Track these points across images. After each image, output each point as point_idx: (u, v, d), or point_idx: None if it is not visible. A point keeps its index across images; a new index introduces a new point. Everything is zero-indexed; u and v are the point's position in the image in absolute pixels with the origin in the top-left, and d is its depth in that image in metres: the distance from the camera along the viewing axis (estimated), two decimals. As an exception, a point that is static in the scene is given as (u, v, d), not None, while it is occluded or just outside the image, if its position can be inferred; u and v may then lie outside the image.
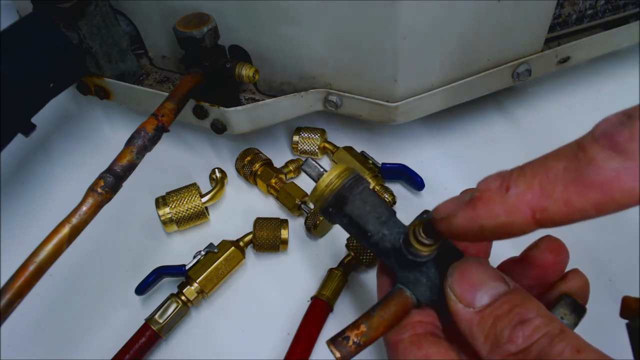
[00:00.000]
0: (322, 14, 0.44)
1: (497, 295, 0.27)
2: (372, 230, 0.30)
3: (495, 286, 0.27)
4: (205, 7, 0.46)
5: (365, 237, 0.31)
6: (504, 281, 0.28)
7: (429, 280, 0.30)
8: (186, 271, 0.46)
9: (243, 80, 0.46)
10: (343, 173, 0.31)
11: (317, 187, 0.31)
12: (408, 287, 0.30)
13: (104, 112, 0.63)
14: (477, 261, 0.29)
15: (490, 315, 0.27)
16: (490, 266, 0.29)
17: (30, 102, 0.44)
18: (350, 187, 0.31)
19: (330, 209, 0.31)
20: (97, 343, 0.46)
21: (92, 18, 0.47)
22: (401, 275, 0.30)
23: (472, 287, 0.28)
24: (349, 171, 0.32)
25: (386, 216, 0.31)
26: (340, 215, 0.31)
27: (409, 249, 0.28)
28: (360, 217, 0.30)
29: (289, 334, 0.45)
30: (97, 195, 0.35)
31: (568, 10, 0.51)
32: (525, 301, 0.27)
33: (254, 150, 0.56)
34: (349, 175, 0.31)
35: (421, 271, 0.30)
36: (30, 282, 0.32)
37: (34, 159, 0.59)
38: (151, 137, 0.39)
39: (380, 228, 0.30)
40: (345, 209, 0.31)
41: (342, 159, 0.54)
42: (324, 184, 0.31)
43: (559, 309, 0.30)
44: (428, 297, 0.30)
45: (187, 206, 0.50)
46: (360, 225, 0.30)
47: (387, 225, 0.30)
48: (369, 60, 0.46)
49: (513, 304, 0.26)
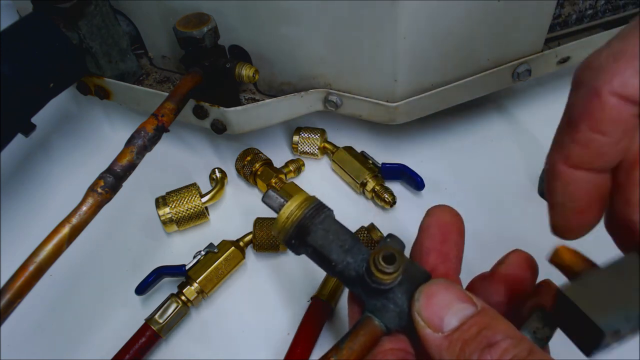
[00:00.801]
0: (322, 14, 0.44)
1: (465, 317, 0.27)
2: (335, 259, 0.30)
3: (463, 308, 0.27)
4: (205, 7, 0.46)
5: (330, 266, 0.30)
6: (472, 302, 0.27)
7: (397, 306, 0.29)
8: (186, 271, 0.46)
9: (243, 80, 0.46)
10: (303, 203, 0.31)
11: (278, 219, 0.31)
12: (376, 315, 0.29)
13: (104, 112, 0.63)
14: (443, 283, 0.28)
15: (459, 340, 0.26)
16: (457, 287, 0.28)
17: (30, 102, 0.44)
18: (312, 217, 0.31)
19: (293, 240, 0.31)
20: (97, 343, 0.46)
21: (92, 18, 0.47)
22: (368, 303, 0.30)
23: (440, 311, 0.27)
24: (309, 200, 0.31)
25: (350, 244, 0.30)
26: (304, 246, 0.31)
27: (372, 277, 0.28)
28: (323, 246, 0.30)
29: (289, 334, 0.45)
30: (97, 195, 0.35)
31: (568, 10, 0.51)
32: (493, 322, 0.26)
33: (254, 150, 0.56)
34: (309, 204, 0.31)
35: (388, 297, 0.29)
36: (30, 282, 0.32)
37: (34, 159, 0.59)
38: (151, 137, 0.39)
39: (344, 256, 0.30)
40: (307, 239, 0.30)
41: (342, 159, 0.54)
42: (284, 215, 0.31)
43: (531, 324, 0.29)
44: (397, 324, 0.29)
45: (187, 206, 0.50)
46: (324, 254, 0.30)
47: (351, 253, 0.30)
48: (369, 60, 0.46)
49: (481, 326, 0.26)
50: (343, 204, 0.54)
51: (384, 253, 0.27)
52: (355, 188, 0.54)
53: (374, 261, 0.27)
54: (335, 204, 0.52)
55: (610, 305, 0.25)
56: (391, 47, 0.44)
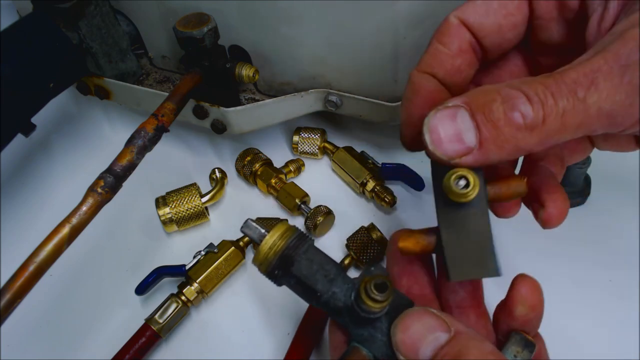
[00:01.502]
0: (322, 14, 0.44)
1: (438, 346, 0.27)
2: (321, 290, 0.30)
3: (435, 338, 0.27)
4: (205, 7, 0.46)
5: (315, 296, 0.30)
6: (445, 328, 0.27)
7: (384, 336, 0.29)
8: (186, 271, 0.46)
9: (243, 80, 0.46)
10: (286, 233, 0.31)
11: (260, 250, 0.30)
12: (364, 345, 0.29)
13: (104, 112, 0.63)
14: (417, 312, 0.28)
15: None
16: (430, 313, 0.28)
17: (30, 102, 0.44)
18: (295, 247, 0.30)
19: (276, 271, 0.30)
20: (97, 343, 0.46)
21: (92, 18, 0.47)
22: (355, 333, 0.30)
23: (414, 343, 0.27)
24: (291, 230, 0.31)
25: (334, 273, 0.30)
26: (287, 276, 0.30)
27: (361, 306, 0.27)
28: (307, 277, 0.30)
29: (289, 334, 0.45)
30: (97, 195, 0.35)
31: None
32: (465, 349, 0.26)
33: (254, 150, 0.56)
34: (292, 234, 0.31)
35: (375, 327, 0.29)
36: (30, 282, 0.32)
37: (34, 159, 0.59)
38: (151, 137, 0.39)
39: (329, 286, 0.30)
40: (291, 269, 0.30)
41: (342, 159, 0.54)
42: (266, 246, 0.30)
43: (511, 347, 0.30)
44: (385, 354, 0.29)
45: (187, 206, 0.50)
46: (308, 285, 0.30)
47: (336, 283, 0.30)
48: (369, 60, 0.46)
49: (453, 354, 0.26)
50: (343, 204, 0.54)
51: (375, 281, 0.27)
52: (355, 188, 0.54)
53: (365, 289, 0.27)
54: (335, 204, 0.52)
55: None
56: (391, 47, 0.44)
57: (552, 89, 0.24)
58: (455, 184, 0.26)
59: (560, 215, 0.32)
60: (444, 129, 0.26)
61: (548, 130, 0.24)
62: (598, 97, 0.24)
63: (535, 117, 0.24)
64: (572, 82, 0.24)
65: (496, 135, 0.25)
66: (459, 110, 0.26)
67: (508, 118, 0.25)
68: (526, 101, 0.24)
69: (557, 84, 0.24)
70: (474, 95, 0.26)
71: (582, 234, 0.50)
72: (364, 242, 0.48)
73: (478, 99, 0.26)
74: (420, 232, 0.31)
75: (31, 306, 0.43)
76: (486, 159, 0.26)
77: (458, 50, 0.31)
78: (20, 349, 0.46)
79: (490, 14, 0.30)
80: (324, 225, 0.51)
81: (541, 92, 0.24)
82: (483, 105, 0.25)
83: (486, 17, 0.30)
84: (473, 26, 0.30)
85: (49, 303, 0.48)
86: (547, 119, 0.24)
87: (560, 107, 0.24)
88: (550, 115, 0.24)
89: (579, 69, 0.24)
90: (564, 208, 0.32)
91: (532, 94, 0.24)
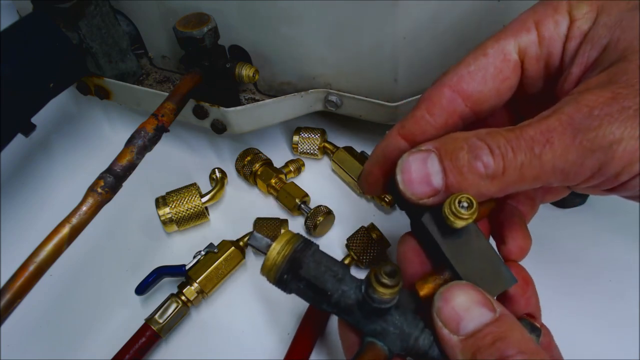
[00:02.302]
0: (322, 14, 0.44)
1: (482, 324, 0.27)
2: (331, 289, 0.30)
3: (481, 314, 0.27)
4: (205, 7, 0.46)
5: (325, 297, 0.30)
6: (491, 307, 0.28)
7: (396, 328, 0.29)
8: (186, 271, 0.46)
9: (243, 80, 0.46)
10: (292, 239, 0.32)
11: (268, 257, 0.31)
12: (377, 338, 0.30)
13: (104, 112, 0.63)
14: (465, 285, 0.29)
15: (473, 346, 0.26)
16: (478, 290, 0.28)
17: (30, 102, 0.44)
18: (302, 250, 0.31)
19: (285, 275, 0.31)
20: (97, 343, 0.46)
21: (92, 18, 0.47)
22: (368, 329, 0.30)
23: (457, 313, 0.28)
24: (296, 237, 0.32)
25: (342, 273, 0.31)
26: (297, 280, 0.31)
27: (373, 295, 0.28)
28: (316, 277, 0.30)
29: (289, 334, 0.45)
30: (97, 195, 0.35)
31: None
32: (509, 333, 0.26)
33: (254, 150, 0.56)
34: (297, 240, 0.32)
35: (387, 320, 0.30)
36: (30, 282, 0.32)
37: (34, 159, 0.59)
38: (151, 137, 0.39)
39: (338, 285, 0.30)
40: (300, 272, 0.30)
41: (342, 159, 0.54)
42: (274, 252, 0.31)
43: None
44: (399, 346, 0.30)
45: (187, 206, 0.50)
46: (318, 286, 0.30)
47: (345, 282, 0.30)
48: (369, 60, 0.46)
49: (496, 336, 0.26)
50: (343, 204, 0.54)
51: (384, 268, 0.28)
52: (355, 188, 0.54)
53: (375, 277, 0.28)
54: (335, 204, 0.52)
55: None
56: (391, 47, 0.44)
57: (512, 143, 0.26)
58: (460, 207, 0.27)
59: (519, 252, 0.34)
60: (415, 171, 0.29)
61: (507, 180, 0.27)
62: (552, 155, 0.26)
63: (496, 168, 0.27)
64: (529, 139, 0.26)
65: (460, 181, 0.27)
66: (430, 155, 0.28)
67: (472, 166, 0.27)
68: (489, 152, 0.27)
69: (517, 139, 0.26)
70: (444, 142, 0.29)
71: (582, 234, 0.50)
72: (364, 242, 0.48)
73: (447, 146, 0.28)
74: (431, 273, 0.31)
75: (31, 306, 0.44)
76: None
77: (444, 124, 0.31)
78: (20, 349, 0.46)
79: (488, 81, 0.31)
80: (324, 225, 0.51)
81: (502, 146, 0.26)
82: (451, 152, 0.28)
83: (484, 84, 0.31)
84: (471, 96, 0.31)
85: (49, 303, 0.49)
86: (506, 171, 0.26)
87: (518, 160, 0.26)
88: (510, 168, 0.26)
89: (536, 127, 0.26)
90: (524, 246, 0.34)
91: (494, 146, 0.27)
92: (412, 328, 0.29)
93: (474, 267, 0.30)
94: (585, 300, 0.46)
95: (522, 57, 0.31)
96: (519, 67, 0.31)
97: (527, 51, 0.31)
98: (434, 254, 0.32)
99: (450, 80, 0.31)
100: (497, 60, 0.31)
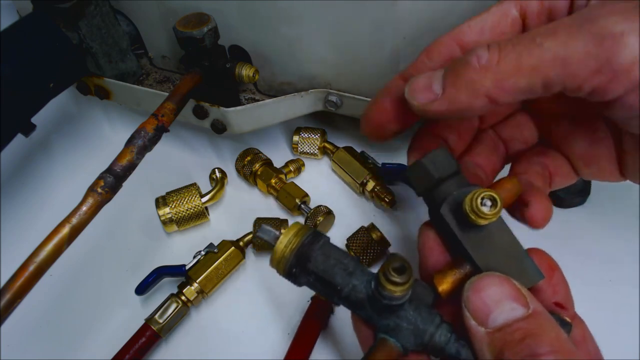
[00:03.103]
0: (322, 14, 0.44)
1: (512, 319, 0.26)
2: (340, 283, 0.29)
3: (512, 308, 0.26)
4: (205, 7, 0.46)
5: (335, 291, 0.29)
6: (524, 302, 0.26)
7: (410, 324, 0.28)
8: (186, 271, 0.46)
9: (243, 80, 0.46)
10: (300, 231, 0.31)
11: (275, 250, 0.30)
12: (390, 335, 0.29)
13: (104, 112, 0.63)
14: (498, 277, 0.27)
15: (500, 341, 0.25)
16: (513, 284, 0.27)
17: (30, 102, 0.44)
18: (310, 243, 0.30)
19: (294, 269, 0.30)
20: (97, 343, 0.46)
21: (92, 18, 0.47)
22: (380, 325, 0.29)
23: (486, 306, 0.26)
24: (305, 228, 0.31)
25: (352, 267, 0.30)
26: (305, 273, 0.30)
27: (382, 292, 0.27)
28: (325, 271, 0.29)
29: (289, 334, 0.45)
30: (97, 195, 0.35)
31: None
32: (542, 330, 0.25)
33: (254, 150, 0.56)
34: (306, 232, 0.31)
35: (400, 316, 0.29)
36: (30, 282, 0.32)
37: (34, 159, 0.59)
38: (151, 137, 0.39)
39: (349, 279, 0.29)
40: (308, 266, 0.30)
41: (342, 159, 0.54)
42: (282, 244, 0.30)
43: None
44: (413, 342, 0.29)
45: (187, 206, 0.50)
46: (326, 280, 0.29)
47: (355, 276, 0.29)
48: (369, 60, 0.46)
49: (527, 332, 0.25)
50: (343, 204, 0.54)
51: (393, 264, 0.27)
52: (355, 188, 0.54)
53: (384, 274, 0.27)
54: (335, 204, 0.52)
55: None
56: (391, 47, 0.44)
57: (514, 40, 0.26)
58: (483, 205, 0.27)
59: (543, 216, 0.32)
60: (420, 81, 0.29)
61: (502, 71, 0.26)
62: (554, 43, 0.25)
63: (490, 59, 0.26)
64: (534, 33, 0.26)
65: (455, 79, 0.27)
66: (436, 71, 0.29)
67: (466, 61, 0.27)
68: (485, 47, 0.27)
69: (520, 37, 0.26)
70: (452, 61, 0.29)
71: (582, 234, 0.50)
72: (364, 242, 0.48)
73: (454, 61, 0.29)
74: (450, 267, 0.30)
75: (31, 306, 0.43)
76: (449, 104, 0.28)
77: (441, 64, 0.32)
78: (20, 349, 0.46)
79: (485, 32, 0.32)
80: (324, 225, 0.51)
81: (503, 42, 0.26)
82: (453, 61, 0.28)
83: (481, 35, 0.32)
84: (468, 45, 0.32)
85: (49, 303, 0.49)
86: (501, 61, 0.26)
87: (516, 50, 0.26)
88: (506, 57, 0.26)
89: (545, 26, 0.26)
90: (547, 212, 0.32)
91: (494, 43, 0.27)
92: (427, 324, 0.28)
93: (497, 261, 0.29)
94: (585, 300, 0.46)
95: (522, 15, 0.31)
96: (518, 24, 0.31)
97: (527, 9, 0.31)
98: (453, 246, 0.31)
99: (452, 32, 0.32)
100: (495, 15, 0.31)
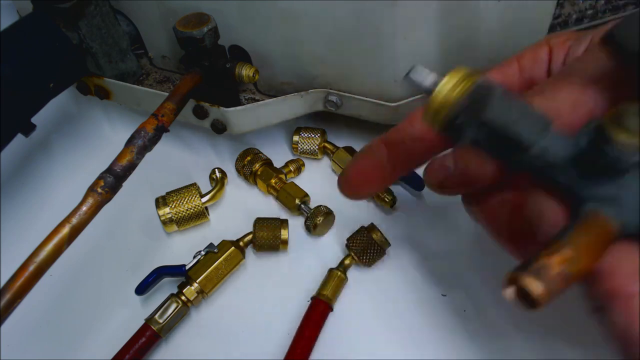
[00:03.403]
0: (322, 14, 0.44)
1: None
2: (527, 140, 0.22)
3: None
4: (205, 7, 0.46)
5: (518, 149, 0.23)
6: None
7: (636, 195, 0.21)
8: (186, 271, 0.46)
9: (243, 80, 0.46)
10: (472, 75, 0.24)
11: (438, 93, 0.23)
12: (605, 208, 0.21)
13: (104, 112, 0.63)
14: None
15: None
16: None
17: (30, 102, 0.44)
18: (488, 88, 0.23)
19: (459, 117, 0.23)
20: (97, 343, 0.46)
21: (92, 18, 0.47)
22: (587, 195, 0.21)
23: None
24: (478, 74, 0.24)
25: (544, 122, 0.23)
26: (475, 125, 0.23)
27: (606, 147, 0.20)
28: (507, 123, 0.22)
29: (289, 334, 0.45)
30: (97, 195, 0.35)
31: (568, 10, 0.51)
32: None
33: (254, 150, 0.56)
34: (479, 77, 0.24)
35: (620, 184, 0.21)
36: (30, 282, 0.32)
37: (34, 159, 0.59)
38: (151, 137, 0.39)
39: (537, 137, 0.22)
40: (483, 115, 0.23)
41: (342, 159, 0.54)
42: (448, 85, 0.23)
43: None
44: (639, 222, 0.21)
45: (187, 206, 0.50)
46: (508, 135, 0.22)
47: (548, 134, 0.22)
48: (369, 60, 0.46)
49: None
50: (343, 204, 0.54)
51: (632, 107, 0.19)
52: (355, 188, 0.54)
53: (615, 117, 0.20)
54: (335, 204, 0.52)
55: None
56: (391, 48, 0.44)
57: None
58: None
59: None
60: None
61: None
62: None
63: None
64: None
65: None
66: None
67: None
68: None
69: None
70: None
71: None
72: (364, 242, 0.48)
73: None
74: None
75: (31, 306, 0.43)
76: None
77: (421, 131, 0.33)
78: (20, 349, 0.46)
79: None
80: (324, 225, 0.51)
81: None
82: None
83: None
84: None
85: (49, 303, 0.48)
86: None
87: None
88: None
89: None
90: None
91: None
92: None
93: None
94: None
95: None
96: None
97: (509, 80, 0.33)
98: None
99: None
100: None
